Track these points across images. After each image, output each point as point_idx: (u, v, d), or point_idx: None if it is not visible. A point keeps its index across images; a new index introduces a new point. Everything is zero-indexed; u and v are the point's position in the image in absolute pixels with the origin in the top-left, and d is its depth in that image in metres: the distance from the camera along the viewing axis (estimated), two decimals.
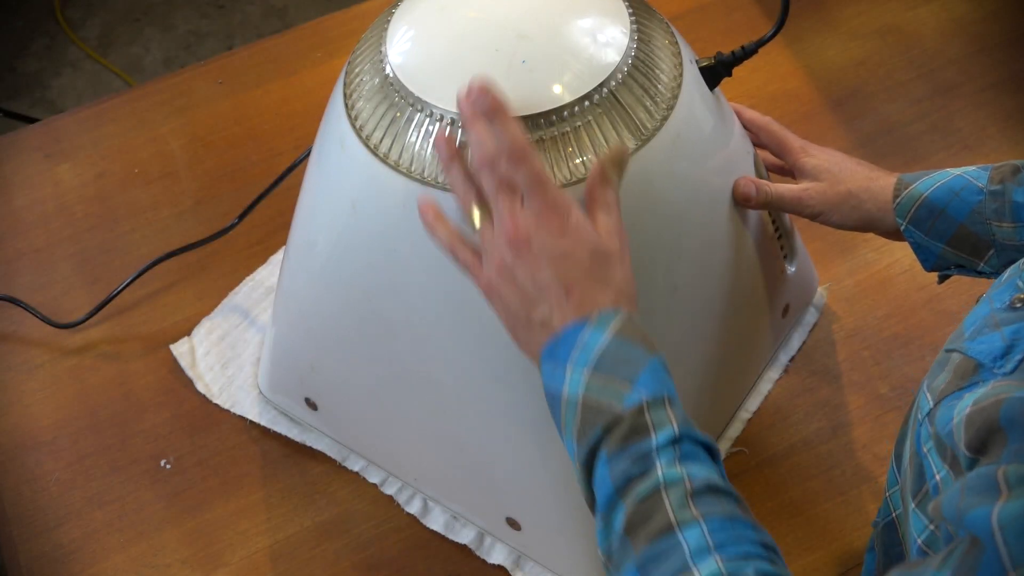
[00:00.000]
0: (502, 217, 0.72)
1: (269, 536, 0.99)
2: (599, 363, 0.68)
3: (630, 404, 0.67)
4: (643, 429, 0.67)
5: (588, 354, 0.69)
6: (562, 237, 0.71)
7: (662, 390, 0.68)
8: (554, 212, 0.71)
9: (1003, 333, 0.66)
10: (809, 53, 1.31)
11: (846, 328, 1.08)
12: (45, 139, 1.27)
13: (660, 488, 0.65)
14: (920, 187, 0.89)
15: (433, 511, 0.98)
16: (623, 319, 0.70)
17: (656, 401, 0.67)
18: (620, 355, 0.69)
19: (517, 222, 0.71)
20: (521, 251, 0.71)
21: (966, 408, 0.64)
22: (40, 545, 0.99)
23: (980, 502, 0.57)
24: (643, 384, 0.68)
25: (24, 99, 2.37)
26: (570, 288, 0.71)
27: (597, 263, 0.72)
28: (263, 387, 1.05)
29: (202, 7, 2.52)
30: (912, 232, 0.89)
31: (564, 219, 0.71)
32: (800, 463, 1.00)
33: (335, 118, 0.85)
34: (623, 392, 0.68)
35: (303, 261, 0.93)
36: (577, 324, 0.70)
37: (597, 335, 0.69)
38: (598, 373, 0.68)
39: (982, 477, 0.59)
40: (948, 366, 0.69)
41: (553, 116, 0.77)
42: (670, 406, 0.68)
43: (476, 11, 0.82)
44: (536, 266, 0.71)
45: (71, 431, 1.05)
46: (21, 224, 1.20)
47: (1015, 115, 1.24)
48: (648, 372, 0.68)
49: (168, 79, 1.33)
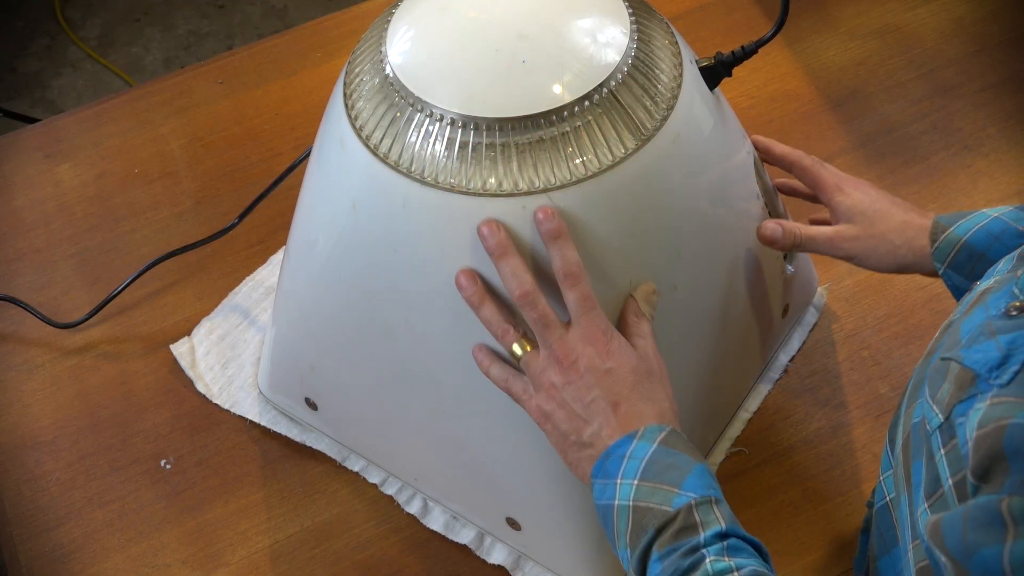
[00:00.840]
0: (549, 344, 0.77)
1: (269, 536, 0.99)
2: (646, 470, 0.72)
3: (679, 504, 0.71)
4: (692, 526, 0.70)
5: (637, 463, 0.73)
6: (607, 357, 0.76)
7: (709, 492, 0.72)
8: (600, 333, 0.76)
9: (999, 342, 0.65)
10: (809, 53, 1.31)
11: (846, 328, 1.08)
12: (45, 139, 1.27)
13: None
14: (958, 231, 0.87)
15: (433, 511, 0.98)
16: (668, 432, 0.74)
17: (703, 501, 0.71)
18: (667, 462, 0.73)
19: (565, 346, 0.76)
20: (569, 373, 0.76)
21: (973, 432, 0.63)
22: (40, 545, 0.99)
23: (987, 540, 0.57)
24: (690, 487, 0.71)
25: (24, 99, 2.37)
26: (617, 405, 0.75)
27: (641, 380, 0.76)
28: (263, 387, 1.05)
29: (202, 7, 2.52)
30: (951, 276, 0.88)
31: (608, 340, 0.76)
32: (800, 463, 1.00)
33: (335, 118, 0.85)
34: (672, 495, 0.71)
35: (303, 261, 0.93)
36: (626, 439, 0.74)
37: (645, 446, 0.73)
38: (646, 480, 0.72)
39: (984, 509, 0.58)
40: (948, 376, 0.69)
41: (553, 116, 0.77)
42: (717, 506, 0.71)
43: (476, 11, 0.82)
44: (584, 386, 0.76)
45: (71, 431, 1.05)
46: (21, 224, 1.20)
47: (1015, 115, 1.24)
48: (695, 476, 0.72)
49: (168, 79, 1.33)
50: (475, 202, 0.78)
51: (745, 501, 0.98)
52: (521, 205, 0.77)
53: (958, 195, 1.18)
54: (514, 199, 0.77)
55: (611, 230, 0.80)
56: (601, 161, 0.78)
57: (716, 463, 1.00)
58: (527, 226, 0.78)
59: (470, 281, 0.79)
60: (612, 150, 0.78)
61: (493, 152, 0.77)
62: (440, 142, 0.78)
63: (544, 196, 0.77)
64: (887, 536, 0.79)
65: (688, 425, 0.95)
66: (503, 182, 0.77)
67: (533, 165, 0.77)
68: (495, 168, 0.77)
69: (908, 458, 0.71)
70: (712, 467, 0.99)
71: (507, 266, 0.77)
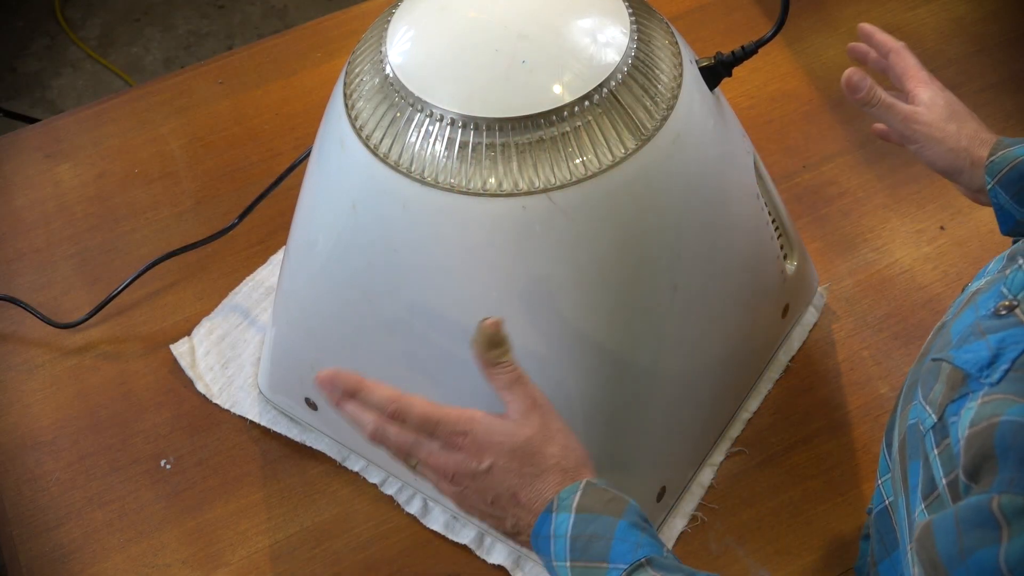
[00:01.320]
0: (426, 466, 0.75)
1: (269, 536, 0.99)
2: (573, 549, 0.70)
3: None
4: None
5: (563, 542, 0.71)
6: (480, 454, 0.73)
7: (636, 553, 0.69)
8: (459, 437, 0.73)
9: (988, 341, 0.66)
10: (809, 53, 1.31)
11: (846, 328, 1.08)
12: (45, 139, 1.27)
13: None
14: (1018, 151, 0.88)
15: (433, 511, 0.98)
16: (582, 491, 0.71)
17: (634, 568, 0.68)
18: (589, 532, 0.70)
19: (438, 464, 0.74)
20: (457, 482, 0.74)
21: (965, 431, 0.63)
22: (40, 545, 0.99)
23: (982, 542, 0.56)
24: (617, 556, 0.69)
25: (24, 99, 2.37)
26: (515, 494, 0.73)
27: (525, 459, 0.73)
28: (263, 387, 1.05)
29: (202, 7, 2.52)
30: (998, 193, 0.88)
31: (472, 437, 0.73)
32: (800, 463, 1.00)
33: (335, 118, 0.85)
34: (602, 572, 0.69)
35: (303, 261, 0.93)
36: (544, 516, 0.72)
37: (564, 518, 0.71)
38: (577, 561, 0.70)
39: (975, 510, 0.58)
40: (940, 376, 0.69)
41: (553, 116, 0.77)
42: (649, 567, 0.69)
43: (476, 11, 0.82)
44: (477, 491, 0.74)
45: (71, 431, 1.05)
46: (21, 224, 1.20)
47: (1015, 115, 1.24)
48: (618, 541, 0.69)
49: (168, 79, 1.33)
50: (475, 202, 0.78)
51: (745, 501, 0.98)
52: (521, 205, 0.77)
53: (958, 195, 1.17)
54: (514, 199, 0.77)
55: (611, 230, 0.80)
56: (601, 161, 0.78)
57: (716, 463, 1.00)
58: (527, 226, 0.78)
59: (349, 409, 0.76)
60: (612, 150, 0.78)
61: (493, 152, 0.77)
62: (440, 142, 0.78)
63: (544, 196, 0.77)
64: (887, 540, 0.79)
65: (688, 425, 0.96)
66: (503, 182, 0.77)
67: (533, 165, 0.77)
68: (495, 168, 0.77)
69: (905, 460, 0.71)
70: (712, 467, 0.99)
71: (348, 414, 0.75)
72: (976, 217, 1.15)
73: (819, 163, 1.21)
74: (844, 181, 1.19)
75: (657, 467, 0.94)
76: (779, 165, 1.20)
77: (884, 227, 1.15)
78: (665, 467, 0.95)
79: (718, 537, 0.96)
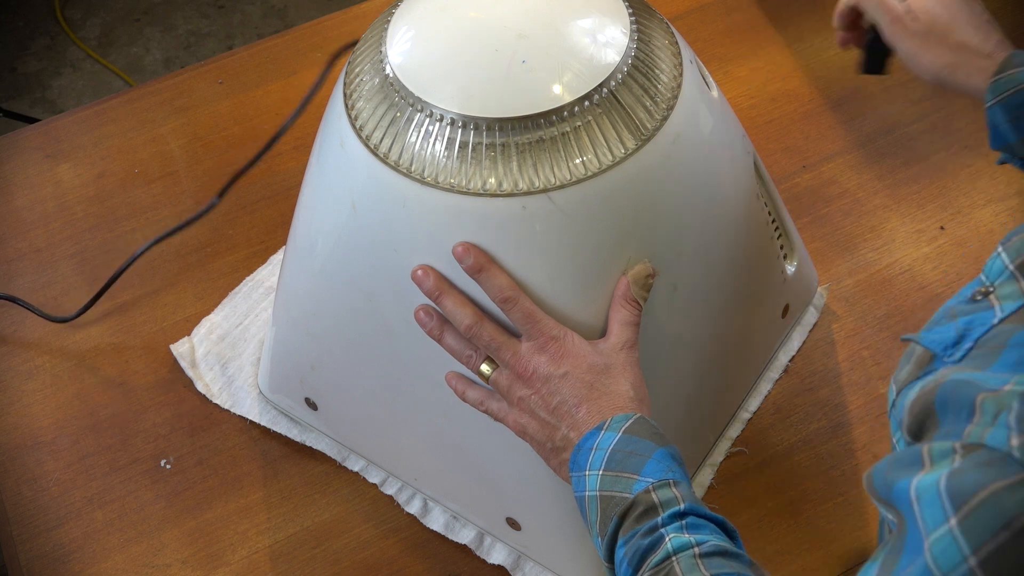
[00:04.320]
0: (506, 362, 0.79)
1: (269, 536, 0.99)
2: (610, 460, 0.74)
3: (638, 490, 0.72)
4: (651, 509, 0.71)
5: (602, 453, 0.75)
6: (562, 360, 0.78)
7: (667, 475, 0.73)
8: (549, 340, 0.78)
9: (957, 324, 0.68)
10: (809, 53, 1.31)
11: (846, 328, 1.08)
12: (45, 139, 1.27)
13: (670, 556, 0.69)
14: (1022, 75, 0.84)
15: (433, 511, 0.98)
16: (634, 420, 0.76)
17: (661, 484, 0.72)
18: (629, 450, 0.74)
19: (520, 361, 0.79)
20: (530, 385, 0.79)
21: (912, 395, 0.66)
22: (40, 545, 0.99)
23: (904, 475, 0.59)
24: (650, 472, 0.73)
25: (24, 99, 2.37)
26: (579, 405, 0.77)
27: (599, 376, 0.78)
28: (263, 387, 1.05)
29: (202, 7, 2.52)
30: (996, 113, 0.84)
31: (561, 344, 0.78)
32: (800, 463, 1.00)
33: (335, 118, 0.85)
34: (632, 482, 0.73)
35: (303, 261, 0.93)
36: (593, 431, 0.76)
37: (610, 436, 0.75)
38: (610, 470, 0.74)
39: (908, 453, 0.60)
40: (912, 358, 0.72)
41: (553, 116, 0.77)
42: (675, 487, 0.72)
43: (476, 11, 0.82)
44: (546, 394, 0.78)
45: (71, 431, 1.05)
46: (21, 224, 1.20)
47: None
48: (654, 461, 0.73)
49: (168, 79, 1.33)
50: (475, 202, 0.78)
51: (745, 501, 0.98)
52: (521, 205, 0.77)
53: (958, 195, 1.18)
54: (514, 199, 0.77)
55: (611, 230, 0.80)
56: (601, 161, 0.78)
57: (716, 463, 1.00)
58: (527, 226, 0.78)
59: (428, 316, 0.82)
60: (612, 150, 0.78)
61: (493, 152, 0.77)
62: (440, 142, 0.78)
63: (544, 196, 0.77)
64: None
65: (688, 425, 0.96)
66: (503, 182, 0.77)
67: (533, 165, 0.77)
68: (495, 168, 0.77)
69: (891, 445, 0.73)
70: (712, 467, 0.99)
71: (447, 305, 0.80)
72: (976, 217, 1.15)
73: (819, 163, 1.21)
74: (844, 181, 1.19)
75: None
76: (779, 165, 1.20)
77: (884, 227, 1.16)
78: None
79: None
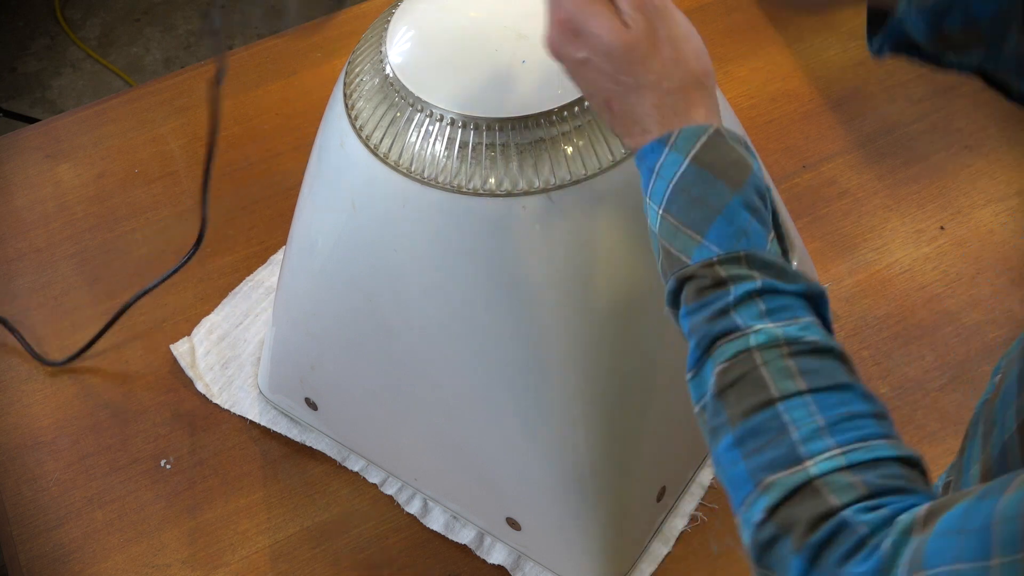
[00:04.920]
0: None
1: (269, 536, 0.99)
2: (671, 201, 0.62)
3: (699, 258, 0.61)
4: (719, 283, 0.60)
5: (662, 185, 0.63)
6: (575, 41, 0.66)
7: (737, 245, 0.61)
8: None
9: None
10: (809, 53, 1.31)
11: (846, 328, 1.08)
12: (45, 139, 1.27)
13: (750, 350, 0.58)
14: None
15: (433, 511, 0.98)
16: (707, 140, 0.62)
17: (729, 257, 0.61)
18: (695, 193, 0.62)
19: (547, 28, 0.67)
20: (558, 56, 0.68)
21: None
22: (40, 545, 0.99)
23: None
24: (715, 237, 0.61)
25: (24, 99, 2.37)
26: (608, 101, 0.66)
27: (619, 67, 0.65)
28: (263, 387, 1.05)
29: (202, 7, 2.52)
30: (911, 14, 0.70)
31: (568, 12, 0.66)
32: None
33: (335, 118, 0.85)
34: (692, 245, 0.62)
35: (303, 261, 0.93)
36: (654, 146, 0.64)
37: (674, 161, 0.63)
38: (670, 214, 0.62)
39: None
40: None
41: (553, 116, 0.77)
42: (747, 263, 0.61)
43: (476, 11, 0.82)
44: (576, 77, 0.67)
45: (71, 431, 1.05)
46: (21, 224, 1.20)
47: (1015, 115, 1.24)
48: (722, 222, 0.61)
49: (168, 79, 1.33)
50: (475, 202, 0.78)
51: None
52: (521, 205, 0.77)
53: (958, 195, 1.18)
54: (514, 199, 0.77)
55: (611, 230, 0.80)
56: (601, 161, 0.78)
57: None
58: (527, 226, 0.78)
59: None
60: (612, 150, 0.78)
61: (493, 152, 0.77)
62: (440, 142, 0.78)
63: (544, 196, 0.77)
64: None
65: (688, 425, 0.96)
66: (503, 182, 0.77)
67: (533, 165, 0.77)
68: (495, 168, 0.77)
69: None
70: (712, 467, 0.99)
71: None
72: (976, 217, 1.15)
73: (819, 163, 1.21)
74: (844, 181, 1.19)
75: (657, 467, 0.94)
76: (779, 165, 1.20)
77: (884, 227, 1.15)
78: (665, 467, 0.95)
79: (718, 537, 0.96)
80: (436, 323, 0.84)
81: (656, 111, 0.64)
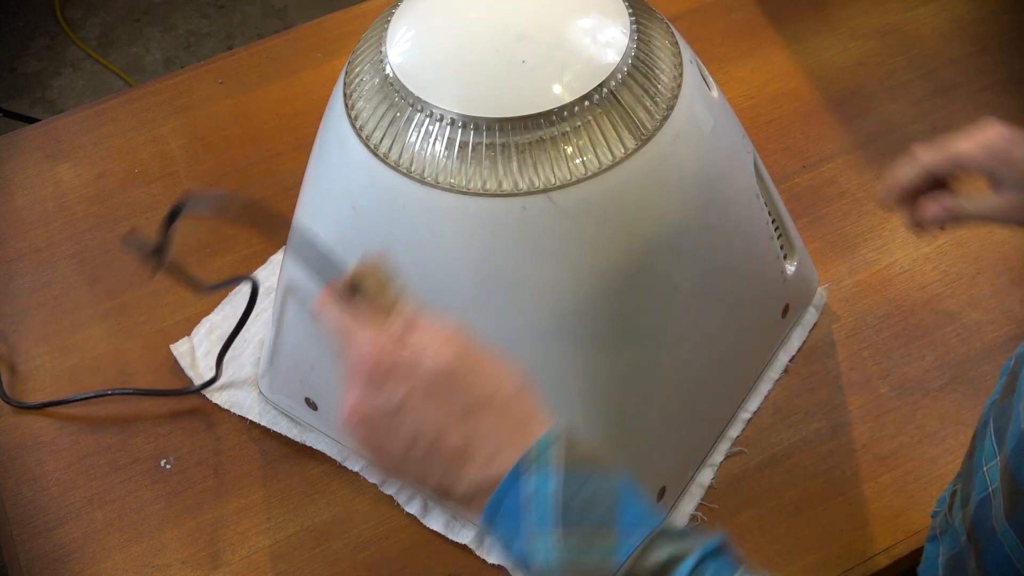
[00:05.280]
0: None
1: (269, 536, 0.99)
2: (567, 513, 0.58)
3: (625, 554, 0.57)
4: (657, 573, 0.57)
5: (544, 507, 0.58)
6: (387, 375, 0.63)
7: (650, 520, 0.58)
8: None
9: None
10: (809, 53, 1.31)
11: (846, 328, 1.08)
12: (45, 139, 1.27)
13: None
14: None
15: (433, 511, 0.98)
16: (560, 444, 0.60)
17: (652, 541, 0.57)
18: (585, 493, 0.58)
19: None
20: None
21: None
22: (40, 545, 0.99)
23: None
24: (627, 523, 0.58)
25: (24, 99, 2.37)
26: (436, 440, 0.61)
27: (442, 395, 0.61)
28: (263, 387, 1.05)
29: (202, 7, 2.52)
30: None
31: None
32: (800, 463, 1.00)
33: (335, 118, 0.85)
34: (607, 545, 0.57)
35: None
36: (507, 483, 0.59)
37: (543, 480, 0.58)
38: (573, 527, 0.57)
39: None
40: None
41: (553, 116, 0.77)
42: (667, 538, 0.58)
43: (476, 11, 0.82)
44: (384, 429, 0.63)
45: (71, 431, 1.05)
46: (21, 224, 1.20)
47: (1015, 115, 1.24)
48: (625, 507, 0.58)
49: (168, 79, 1.33)
50: (475, 202, 0.78)
51: (745, 501, 0.98)
52: (521, 205, 0.77)
53: None
54: (514, 199, 0.77)
55: (611, 230, 0.80)
56: (601, 161, 0.78)
57: (716, 463, 1.00)
58: (527, 226, 0.78)
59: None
60: (612, 150, 0.78)
61: (493, 152, 0.77)
62: (440, 142, 0.78)
63: (544, 196, 0.77)
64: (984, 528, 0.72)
65: (688, 425, 0.96)
66: (503, 182, 0.77)
67: (533, 165, 0.77)
68: (495, 168, 0.77)
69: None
70: (711, 467, 0.99)
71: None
72: None
73: (819, 163, 1.21)
74: (844, 181, 1.19)
75: (657, 467, 0.94)
76: (779, 165, 1.20)
77: (884, 227, 1.15)
78: (665, 467, 0.95)
79: None
80: None
81: (499, 433, 0.60)
